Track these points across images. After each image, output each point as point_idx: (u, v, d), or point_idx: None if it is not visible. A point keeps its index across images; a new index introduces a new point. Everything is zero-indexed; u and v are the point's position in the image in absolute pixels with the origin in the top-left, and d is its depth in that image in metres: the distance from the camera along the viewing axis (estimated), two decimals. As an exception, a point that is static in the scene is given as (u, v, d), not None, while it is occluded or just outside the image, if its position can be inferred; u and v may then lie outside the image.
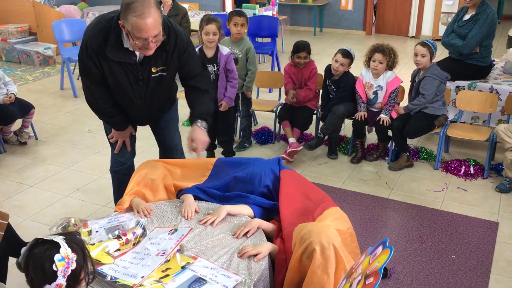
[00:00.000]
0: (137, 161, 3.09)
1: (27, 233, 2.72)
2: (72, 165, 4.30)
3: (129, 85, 2.58)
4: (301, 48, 4.22)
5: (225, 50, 3.86)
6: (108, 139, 2.98)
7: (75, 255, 1.62)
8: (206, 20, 3.74)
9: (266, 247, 2.10)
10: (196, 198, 2.53)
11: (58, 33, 6.24)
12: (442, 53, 5.38)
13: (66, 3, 9.56)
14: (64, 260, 1.58)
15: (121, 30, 2.32)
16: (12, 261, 2.59)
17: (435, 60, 4.07)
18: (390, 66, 4.06)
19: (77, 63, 6.66)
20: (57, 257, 1.57)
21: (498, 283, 2.79)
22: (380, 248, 1.63)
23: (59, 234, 1.69)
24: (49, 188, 3.92)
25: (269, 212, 2.48)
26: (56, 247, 1.60)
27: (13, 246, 2.42)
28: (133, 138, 3.02)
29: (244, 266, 1.99)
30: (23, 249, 1.65)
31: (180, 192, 2.61)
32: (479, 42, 4.21)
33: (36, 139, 4.85)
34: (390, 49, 4.03)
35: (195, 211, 2.40)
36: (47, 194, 3.82)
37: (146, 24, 2.18)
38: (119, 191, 3.09)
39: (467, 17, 4.30)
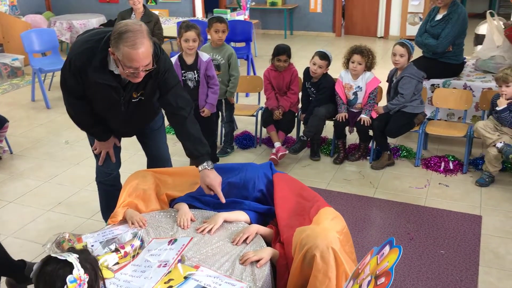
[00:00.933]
0: (121, 171, 3.05)
1: (10, 250, 2.64)
2: (51, 179, 4.20)
3: (110, 106, 2.56)
4: (282, 51, 4.25)
5: (205, 56, 3.85)
6: (92, 150, 2.92)
7: (87, 276, 1.59)
8: (185, 27, 3.72)
9: (267, 252, 2.10)
10: (191, 206, 2.50)
11: (27, 44, 6.09)
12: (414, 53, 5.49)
13: (31, 12, 9.35)
14: (76, 282, 1.54)
15: (108, 52, 2.30)
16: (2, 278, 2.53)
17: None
18: (369, 67, 4.13)
19: (48, 74, 6.58)
20: (69, 278, 1.54)
21: (487, 275, 2.86)
22: (387, 247, 1.65)
23: (73, 251, 1.65)
24: (29, 203, 3.81)
25: (264, 216, 2.47)
26: (69, 267, 1.57)
27: (3, 264, 2.35)
28: (117, 149, 2.97)
29: (248, 273, 1.98)
30: (36, 265, 1.60)
31: (173, 201, 2.58)
32: (452, 41, 4.33)
33: (11, 153, 4.72)
34: (368, 50, 4.10)
35: (191, 220, 2.38)
36: (28, 209, 3.72)
37: (138, 54, 2.17)
38: (106, 202, 3.05)
39: (439, 17, 4.42)
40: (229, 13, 7.51)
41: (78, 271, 1.57)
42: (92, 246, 2.18)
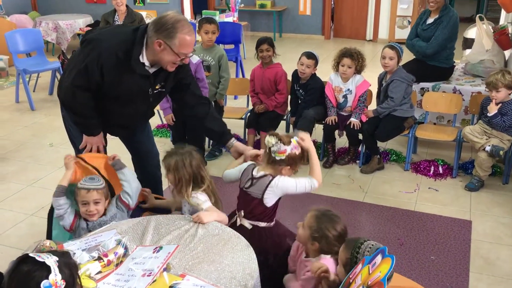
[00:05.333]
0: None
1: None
2: (34, 182, 4.10)
3: (136, 97, 2.61)
4: (263, 41, 4.26)
5: (194, 58, 3.78)
6: (79, 148, 2.80)
7: (64, 283, 1.50)
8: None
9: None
10: None
11: (11, 44, 5.97)
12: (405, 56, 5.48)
13: (16, 12, 9.17)
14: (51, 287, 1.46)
15: (142, 46, 2.41)
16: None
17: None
18: (359, 70, 4.10)
19: (32, 75, 6.46)
20: (44, 283, 1.44)
21: (478, 281, 2.83)
22: (380, 257, 1.60)
23: (54, 253, 1.56)
24: (11, 207, 3.71)
25: None
26: (46, 270, 1.47)
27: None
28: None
29: (237, 281, 1.92)
30: (11, 262, 1.52)
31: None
32: (442, 44, 4.30)
33: (-6, 156, 4.61)
34: (358, 53, 4.07)
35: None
36: (10, 214, 3.62)
37: (193, 40, 2.41)
38: None
39: (430, 20, 4.40)
40: (218, 15, 7.45)
41: (55, 276, 1.47)
42: (74, 254, 2.10)
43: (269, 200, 2.37)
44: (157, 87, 2.62)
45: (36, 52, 6.39)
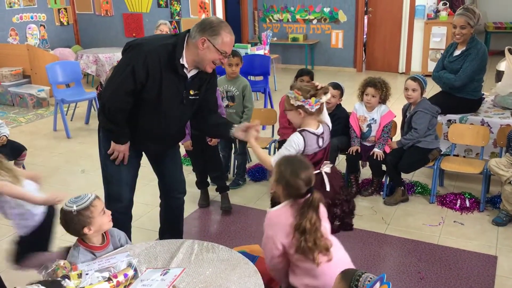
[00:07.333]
0: (134, 201, 3.05)
1: (15, 280, 2.65)
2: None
3: (173, 100, 2.71)
4: (305, 72, 4.28)
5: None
6: (108, 153, 2.87)
7: None
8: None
9: None
10: None
11: (51, 75, 6.28)
12: (432, 88, 5.46)
13: (61, 46, 9.67)
14: None
15: (183, 48, 2.59)
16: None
17: (425, 95, 4.11)
18: (383, 99, 4.10)
19: (71, 104, 6.75)
20: None
21: (500, 319, 2.72)
22: (378, 284, 1.59)
23: (43, 283, 1.61)
24: (39, 230, 3.84)
25: None
26: None
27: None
28: (135, 175, 3.01)
29: (240, 306, 1.93)
30: None
31: None
32: (471, 76, 4.25)
33: (28, 181, 4.79)
34: (382, 82, 4.08)
35: None
36: (38, 236, 3.74)
37: (233, 41, 2.63)
38: None
39: (457, 52, 4.37)
40: (249, 48, 7.62)
41: None
42: (87, 274, 2.17)
43: None
44: (191, 92, 2.74)
45: (74, 83, 6.70)
